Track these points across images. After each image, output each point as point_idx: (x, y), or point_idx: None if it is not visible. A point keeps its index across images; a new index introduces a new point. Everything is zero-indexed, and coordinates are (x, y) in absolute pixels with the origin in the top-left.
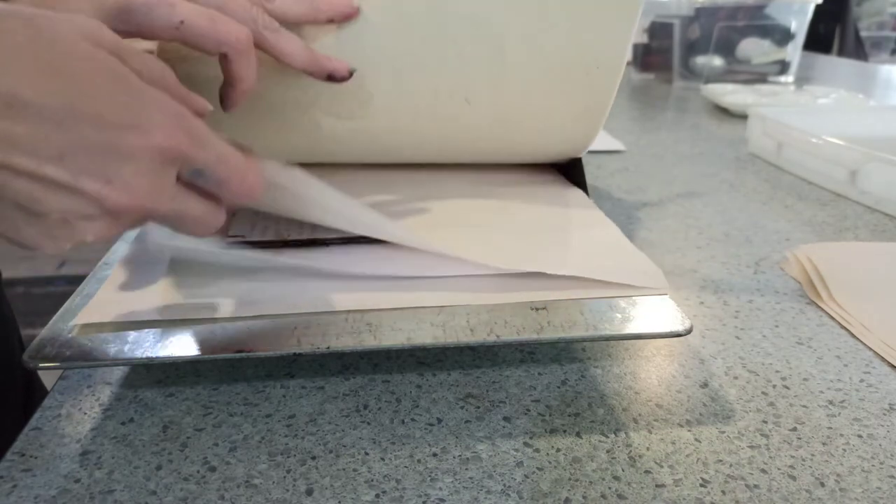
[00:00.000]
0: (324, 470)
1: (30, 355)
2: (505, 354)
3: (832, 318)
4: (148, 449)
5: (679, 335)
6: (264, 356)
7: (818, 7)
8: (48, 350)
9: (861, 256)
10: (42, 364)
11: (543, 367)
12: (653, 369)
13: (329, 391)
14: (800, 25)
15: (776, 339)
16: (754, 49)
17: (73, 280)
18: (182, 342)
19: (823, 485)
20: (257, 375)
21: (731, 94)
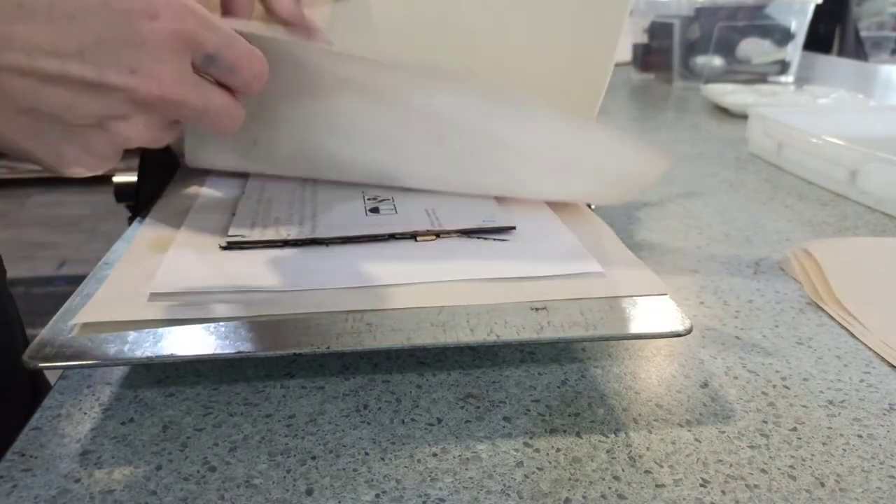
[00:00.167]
0: (324, 470)
1: (30, 355)
2: (505, 354)
3: (832, 318)
4: (148, 449)
5: (679, 335)
6: (264, 356)
7: (818, 7)
8: (48, 350)
9: (864, 252)
10: (42, 364)
11: (543, 367)
12: (653, 369)
13: (329, 391)
14: (800, 25)
15: (776, 339)
16: (754, 49)
17: (73, 280)
18: (182, 342)
19: (823, 485)
20: (257, 375)
21: (731, 94)
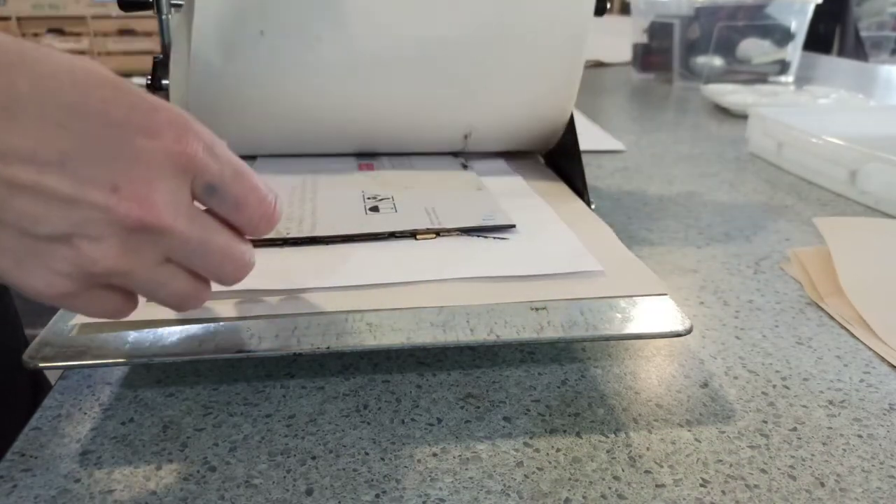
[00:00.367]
0: (324, 470)
1: (30, 355)
2: (505, 354)
3: (832, 318)
4: (148, 449)
5: (679, 335)
6: (264, 356)
7: (818, 7)
8: (48, 350)
9: (871, 233)
10: (42, 364)
11: (543, 367)
12: (653, 369)
13: (329, 391)
14: (800, 25)
15: (776, 339)
16: (754, 49)
17: None
18: (182, 342)
19: (823, 485)
20: (257, 375)
21: (732, 94)
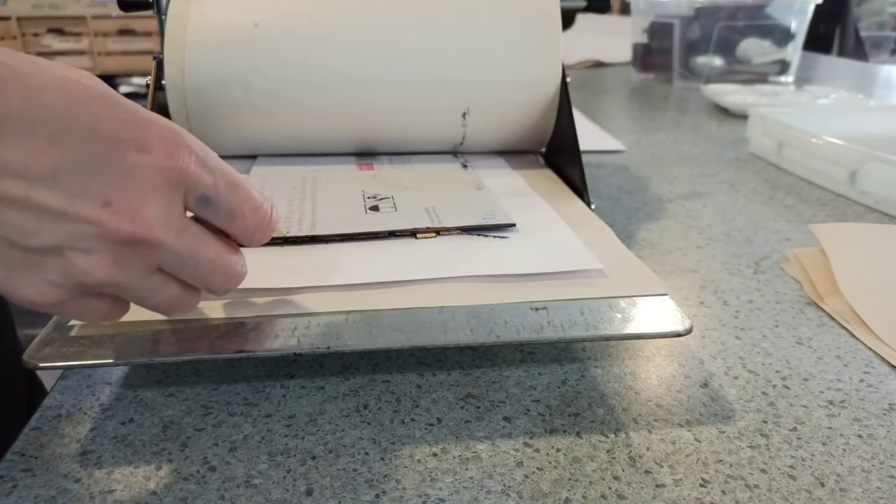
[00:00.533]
0: (324, 470)
1: (30, 355)
2: (505, 354)
3: (832, 318)
4: (148, 449)
5: (679, 335)
6: (264, 356)
7: (818, 7)
8: (48, 350)
9: (869, 238)
10: (42, 364)
11: (543, 367)
12: (653, 369)
13: (329, 391)
14: (800, 25)
15: (776, 339)
16: (754, 49)
17: None
18: (182, 342)
19: (823, 485)
20: (257, 375)
21: (732, 94)
